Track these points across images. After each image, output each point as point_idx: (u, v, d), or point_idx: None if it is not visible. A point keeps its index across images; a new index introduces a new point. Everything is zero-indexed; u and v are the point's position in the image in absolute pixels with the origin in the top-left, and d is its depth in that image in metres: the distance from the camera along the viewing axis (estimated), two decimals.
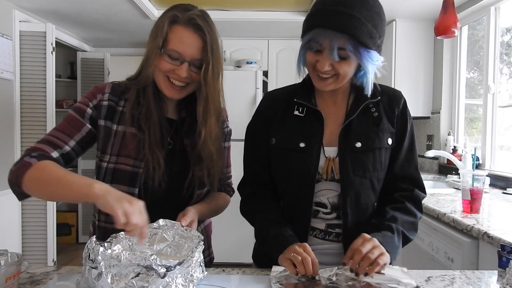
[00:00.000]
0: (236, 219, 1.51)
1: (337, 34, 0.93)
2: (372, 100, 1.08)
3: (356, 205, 1.06)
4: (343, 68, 0.99)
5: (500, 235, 1.43)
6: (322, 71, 1.00)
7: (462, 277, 0.97)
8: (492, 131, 2.80)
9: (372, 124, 1.07)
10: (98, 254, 0.73)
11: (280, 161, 1.11)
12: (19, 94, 3.24)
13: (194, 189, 1.13)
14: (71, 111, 1.08)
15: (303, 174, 1.06)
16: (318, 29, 0.96)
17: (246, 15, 3.59)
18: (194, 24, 1.02)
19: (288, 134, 1.09)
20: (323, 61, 0.98)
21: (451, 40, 3.27)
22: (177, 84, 1.05)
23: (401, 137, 1.11)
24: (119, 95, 1.09)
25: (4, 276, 0.78)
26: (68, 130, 1.05)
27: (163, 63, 1.03)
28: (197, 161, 1.11)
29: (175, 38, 1.02)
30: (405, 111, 1.12)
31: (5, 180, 1.00)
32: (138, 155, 1.06)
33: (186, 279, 0.82)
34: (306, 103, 1.09)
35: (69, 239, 4.45)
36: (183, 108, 1.15)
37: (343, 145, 1.05)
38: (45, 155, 0.98)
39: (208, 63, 1.03)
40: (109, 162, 1.06)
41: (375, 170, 1.07)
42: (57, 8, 3.34)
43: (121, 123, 1.07)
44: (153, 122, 1.06)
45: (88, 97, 1.09)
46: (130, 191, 1.05)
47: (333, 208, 1.08)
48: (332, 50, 0.95)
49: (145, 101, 1.07)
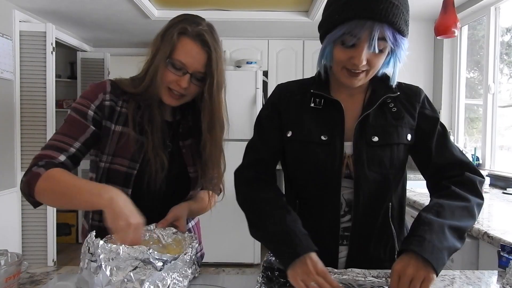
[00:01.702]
0: (235, 218, 1.51)
1: (378, 24, 0.87)
2: (391, 94, 1.03)
3: (368, 202, 1.00)
4: (378, 61, 0.94)
5: (500, 235, 1.43)
6: (359, 67, 0.93)
7: (462, 277, 0.97)
8: (492, 131, 2.80)
9: (391, 118, 1.02)
10: (98, 247, 0.75)
11: (300, 154, 1.04)
12: (19, 94, 3.24)
13: (188, 189, 1.15)
14: (72, 113, 1.07)
15: (327, 169, 1.00)
16: (355, 20, 0.88)
17: (246, 15, 3.59)
18: (202, 40, 1.05)
19: (307, 127, 1.03)
20: (361, 56, 0.90)
21: (451, 40, 3.27)
22: (177, 93, 1.07)
23: (433, 126, 1.04)
24: (118, 94, 1.10)
25: (4, 276, 0.78)
26: (72, 133, 1.05)
27: (167, 73, 1.05)
28: (193, 163, 1.14)
29: (182, 49, 1.04)
30: (429, 104, 1.07)
31: (5, 180, 1.01)
32: (133, 156, 1.07)
33: (181, 274, 0.84)
34: (323, 93, 1.03)
35: (69, 239, 4.45)
36: (178, 111, 1.18)
37: (359, 139, 1.00)
38: (53, 162, 0.99)
39: (213, 78, 1.06)
40: (105, 161, 1.07)
41: (392, 166, 1.00)
42: (57, 8, 3.34)
43: (119, 123, 1.08)
44: (156, 125, 1.08)
45: (88, 97, 1.07)
46: (124, 191, 1.05)
47: (348, 205, 1.02)
48: (372, 42, 0.88)
49: (146, 105, 1.09)
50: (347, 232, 1.03)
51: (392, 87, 1.05)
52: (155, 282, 0.77)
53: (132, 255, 0.76)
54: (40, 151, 1.02)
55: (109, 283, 0.74)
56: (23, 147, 3.27)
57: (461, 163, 1.00)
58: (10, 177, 3.12)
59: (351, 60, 0.93)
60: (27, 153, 3.27)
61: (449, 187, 0.95)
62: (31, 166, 0.99)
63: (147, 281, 0.75)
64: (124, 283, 0.74)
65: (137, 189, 1.08)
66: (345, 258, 1.04)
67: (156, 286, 0.77)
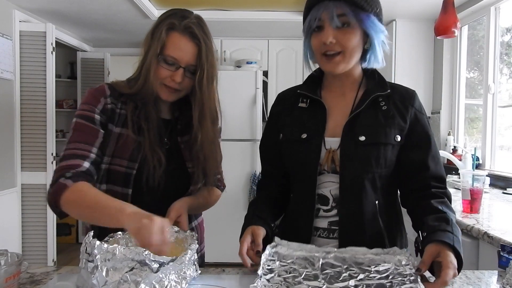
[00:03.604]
0: (235, 218, 1.51)
1: (334, 3, 0.97)
2: (382, 93, 1.06)
3: (354, 199, 1.03)
4: (348, 39, 1.00)
5: (500, 235, 1.43)
6: (327, 43, 0.99)
7: (462, 277, 0.97)
8: (492, 131, 2.80)
9: (381, 117, 1.04)
10: (94, 247, 0.75)
11: (287, 153, 1.11)
12: (19, 94, 3.24)
13: (188, 185, 1.16)
14: (79, 120, 1.06)
15: (305, 165, 1.06)
16: (316, 6, 1.00)
17: (246, 15, 3.59)
18: (190, 32, 1.06)
19: (293, 126, 1.10)
20: (327, 32, 0.99)
21: (451, 40, 3.27)
22: (172, 86, 1.08)
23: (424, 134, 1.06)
24: (117, 97, 1.11)
25: (4, 276, 0.78)
26: (86, 139, 1.04)
27: (160, 69, 1.06)
28: (191, 158, 1.15)
29: (171, 44, 1.05)
30: (421, 109, 1.09)
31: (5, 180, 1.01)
32: (132, 156, 1.07)
33: (179, 276, 0.84)
34: (308, 94, 1.09)
35: (69, 239, 4.45)
36: (177, 108, 1.18)
37: (346, 136, 1.03)
38: (80, 171, 1.00)
39: (203, 70, 1.07)
40: (104, 162, 1.08)
41: (378, 166, 1.03)
42: (57, 8, 3.34)
43: (118, 124, 1.09)
44: (152, 121, 1.09)
45: (91, 103, 1.07)
46: (124, 191, 1.08)
47: (335, 201, 1.05)
48: (332, 18, 0.97)
49: (143, 104, 1.10)
50: (335, 226, 1.05)
51: (385, 86, 1.08)
52: (151, 284, 0.76)
53: (128, 256, 0.76)
54: (62, 163, 1.01)
55: (106, 284, 0.74)
56: (23, 147, 3.27)
57: (442, 178, 1.08)
58: (10, 177, 3.12)
59: (322, 42, 1.00)
60: (27, 153, 3.28)
61: (444, 198, 1.03)
62: (57, 178, 0.98)
63: (142, 283, 0.75)
64: (120, 284, 0.74)
65: (137, 188, 1.08)
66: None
67: (153, 287, 0.77)
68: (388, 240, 1.06)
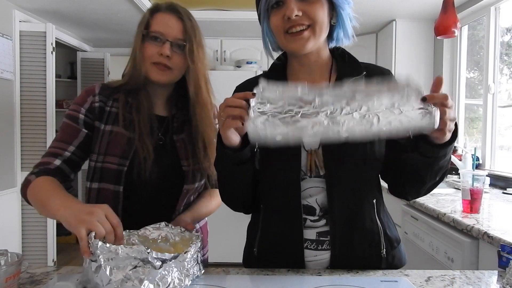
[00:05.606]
0: (235, 218, 1.50)
1: None
2: (356, 76, 0.93)
3: (344, 203, 0.94)
4: (316, 11, 0.89)
5: (500, 235, 1.43)
6: (292, 18, 0.88)
7: (462, 277, 0.97)
8: (492, 131, 2.80)
9: None
10: (97, 248, 0.76)
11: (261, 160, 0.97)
12: (19, 94, 3.24)
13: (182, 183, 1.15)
14: (65, 119, 1.12)
15: (284, 171, 0.94)
16: None
17: (246, 15, 3.59)
18: (174, 10, 1.08)
19: None
20: (290, 5, 0.88)
21: (451, 40, 3.27)
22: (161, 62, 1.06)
23: None
24: (108, 95, 1.13)
25: (4, 276, 0.78)
26: (65, 138, 1.09)
27: (147, 47, 1.07)
28: (187, 157, 1.14)
29: (156, 21, 1.08)
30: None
31: (5, 180, 1.04)
32: (123, 153, 1.08)
33: (182, 273, 0.84)
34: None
35: (69, 239, 4.44)
36: (173, 106, 1.19)
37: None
38: (46, 169, 1.03)
39: (192, 43, 1.08)
40: (97, 161, 1.09)
41: (366, 161, 0.93)
42: (57, 8, 3.34)
43: (108, 122, 1.10)
44: (143, 113, 1.10)
45: (78, 103, 1.11)
46: (116, 189, 1.09)
47: (322, 210, 0.95)
48: None
49: (135, 97, 1.11)
50: (324, 237, 0.96)
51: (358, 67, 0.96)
52: (154, 281, 0.78)
53: (130, 255, 0.77)
54: (40, 159, 1.07)
55: (109, 282, 0.75)
56: (23, 147, 3.27)
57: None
58: (10, 177, 3.12)
59: (285, 18, 0.89)
60: (27, 153, 3.27)
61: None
62: (29, 174, 1.04)
63: (146, 280, 0.76)
64: (124, 282, 0.76)
65: (129, 183, 1.09)
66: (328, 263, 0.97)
67: (156, 284, 0.78)
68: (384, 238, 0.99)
